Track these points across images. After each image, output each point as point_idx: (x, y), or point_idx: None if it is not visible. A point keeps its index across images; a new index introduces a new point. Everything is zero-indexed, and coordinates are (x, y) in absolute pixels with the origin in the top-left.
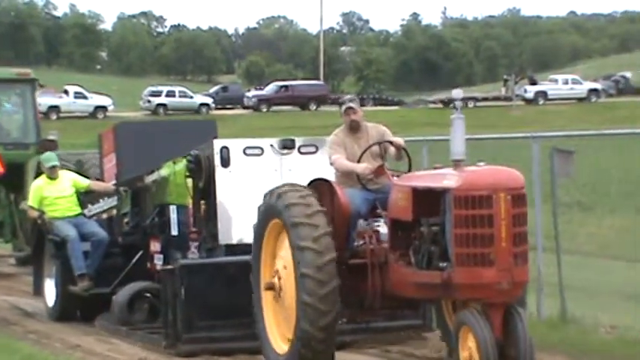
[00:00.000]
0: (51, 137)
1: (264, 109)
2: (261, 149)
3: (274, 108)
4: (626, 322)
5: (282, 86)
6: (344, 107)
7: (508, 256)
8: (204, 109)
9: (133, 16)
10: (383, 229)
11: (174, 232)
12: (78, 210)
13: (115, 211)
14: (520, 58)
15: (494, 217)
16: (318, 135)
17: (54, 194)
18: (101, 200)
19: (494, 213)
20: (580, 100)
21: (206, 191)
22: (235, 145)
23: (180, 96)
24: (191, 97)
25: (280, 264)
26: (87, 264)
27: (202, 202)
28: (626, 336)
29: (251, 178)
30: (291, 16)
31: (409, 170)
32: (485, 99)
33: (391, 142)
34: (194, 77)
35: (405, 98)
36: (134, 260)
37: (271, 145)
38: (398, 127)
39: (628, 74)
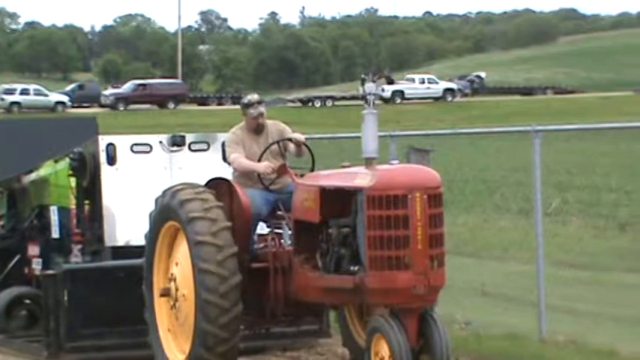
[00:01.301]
0: None
1: (122, 108)
2: (150, 146)
3: (132, 106)
4: (479, 318)
5: (139, 84)
6: (254, 112)
7: (424, 258)
8: (59, 107)
9: None
10: (285, 231)
11: (55, 234)
12: None
13: None
14: (377, 57)
15: (409, 218)
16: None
17: None
18: None
19: (409, 214)
20: (436, 99)
21: (91, 191)
22: (122, 142)
23: (35, 94)
24: (46, 96)
25: (176, 269)
26: None
27: (86, 202)
28: (479, 331)
29: (139, 177)
30: (149, 14)
31: (312, 169)
32: (343, 98)
33: (290, 140)
34: (49, 75)
35: (264, 97)
36: (10, 265)
37: (160, 142)
38: None
39: (482, 74)
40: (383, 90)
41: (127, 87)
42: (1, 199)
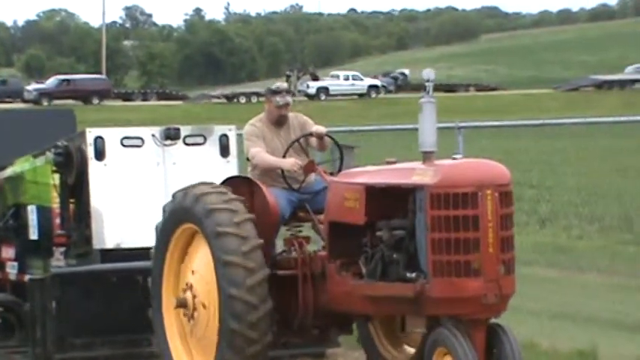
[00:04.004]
0: None
1: (45, 103)
2: (142, 140)
3: (56, 102)
4: None
5: (63, 80)
6: (280, 101)
7: (495, 264)
8: None
9: None
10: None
11: (34, 236)
12: None
13: None
14: (302, 54)
15: (479, 219)
16: None
17: None
18: None
19: (479, 214)
20: (360, 95)
21: (77, 188)
22: (111, 135)
23: None
24: None
25: (193, 278)
26: None
27: (72, 200)
28: None
29: (130, 173)
30: (73, 9)
31: (341, 167)
32: None
33: (311, 134)
34: None
35: (189, 93)
36: None
37: (153, 135)
38: (181, 122)
39: (406, 71)
40: (308, 86)
41: (50, 82)
42: None
